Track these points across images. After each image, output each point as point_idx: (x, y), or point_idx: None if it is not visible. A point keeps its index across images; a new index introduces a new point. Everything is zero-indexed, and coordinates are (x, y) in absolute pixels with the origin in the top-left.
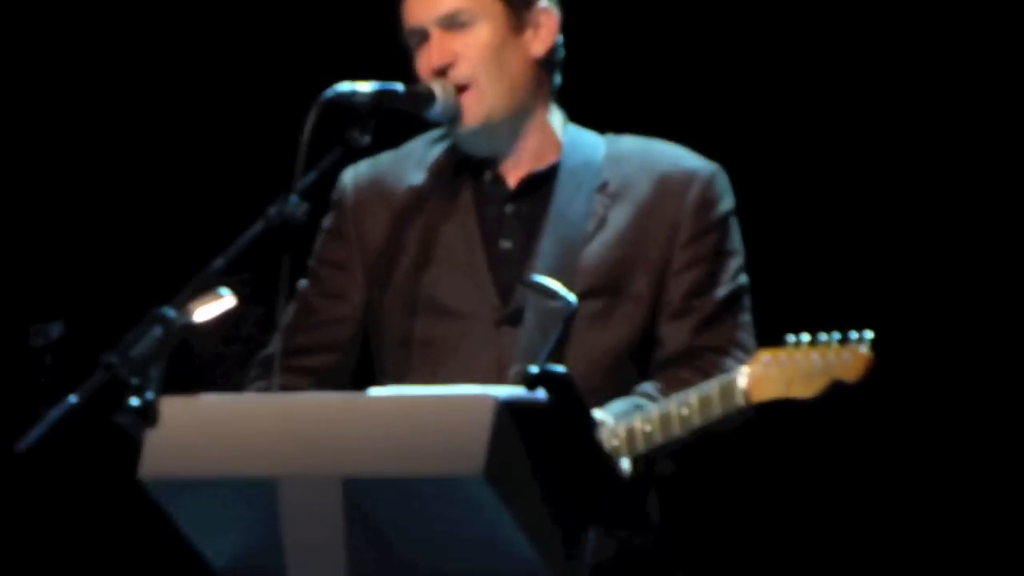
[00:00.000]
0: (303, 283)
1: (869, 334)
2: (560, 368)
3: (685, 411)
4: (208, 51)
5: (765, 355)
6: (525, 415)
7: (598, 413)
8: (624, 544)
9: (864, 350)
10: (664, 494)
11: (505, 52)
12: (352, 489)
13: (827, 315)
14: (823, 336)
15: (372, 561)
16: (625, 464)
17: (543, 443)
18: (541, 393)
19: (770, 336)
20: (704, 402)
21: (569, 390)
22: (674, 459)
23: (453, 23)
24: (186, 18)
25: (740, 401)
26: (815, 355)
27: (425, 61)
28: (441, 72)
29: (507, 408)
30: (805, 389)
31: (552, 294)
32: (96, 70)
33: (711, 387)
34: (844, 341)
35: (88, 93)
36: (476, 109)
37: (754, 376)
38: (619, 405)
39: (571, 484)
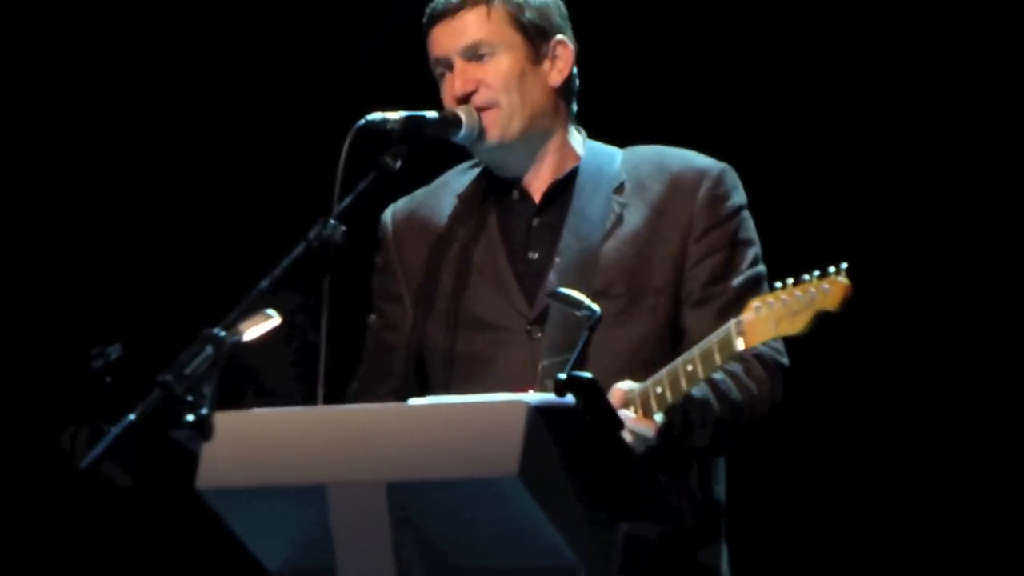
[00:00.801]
0: (372, 318)
1: (844, 264)
2: (587, 374)
3: (690, 367)
4: (255, 90)
5: (755, 302)
6: (556, 419)
7: (625, 383)
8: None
9: (842, 279)
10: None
11: (525, 81)
12: (396, 493)
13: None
14: (804, 276)
15: (417, 560)
16: (659, 418)
17: (573, 444)
18: (570, 398)
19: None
20: (705, 354)
21: (596, 394)
22: (714, 430)
23: (475, 54)
24: (232, 57)
25: (738, 347)
26: (798, 292)
27: (450, 89)
28: (465, 99)
29: (539, 413)
30: (793, 326)
31: (577, 304)
32: (152, 102)
33: (710, 340)
34: (823, 275)
35: (147, 126)
36: (497, 126)
37: (747, 322)
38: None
39: (600, 482)
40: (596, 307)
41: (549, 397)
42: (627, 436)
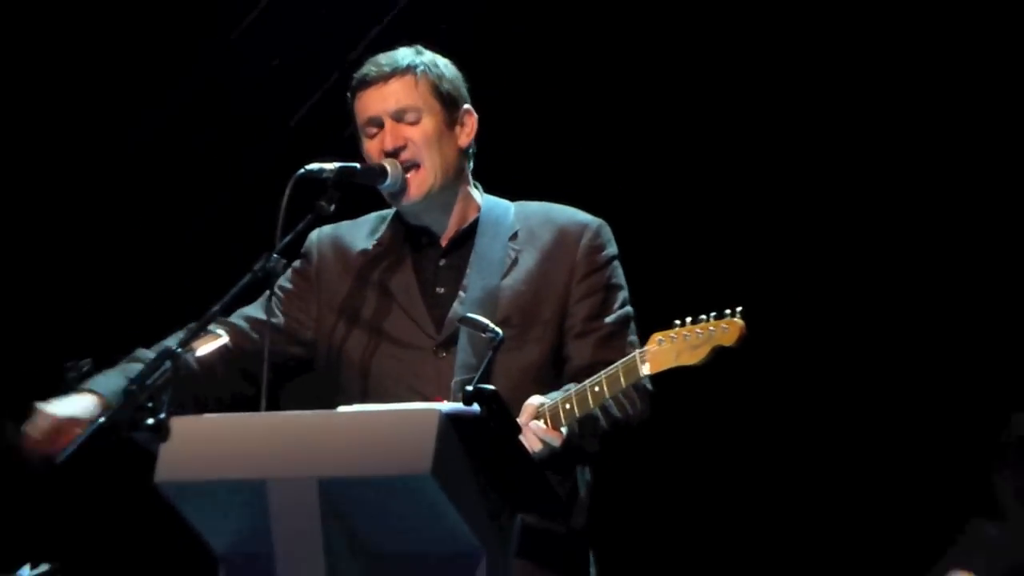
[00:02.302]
0: (265, 296)
1: (739, 308)
2: (490, 387)
3: (597, 388)
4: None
5: (658, 336)
6: (463, 425)
7: (536, 398)
8: (548, 525)
9: (738, 319)
10: (595, 473)
11: (442, 142)
12: (326, 488)
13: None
14: (702, 316)
15: (344, 548)
16: (564, 430)
17: (478, 447)
18: (475, 407)
19: (660, 323)
20: (612, 379)
21: (498, 404)
22: (600, 440)
23: (403, 117)
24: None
25: (642, 373)
26: (698, 330)
27: (379, 144)
28: (393, 153)
29: (449, 420)
30: (692, 357)
31: (483, 327)
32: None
33: (617, 367)
34: (720, 316)
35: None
36: (419, 186)
37: (650, 352)
38: (555, 393)
39: (501, 479)
40: (499, 330)
41: (458, 406)
42: (536, 443)
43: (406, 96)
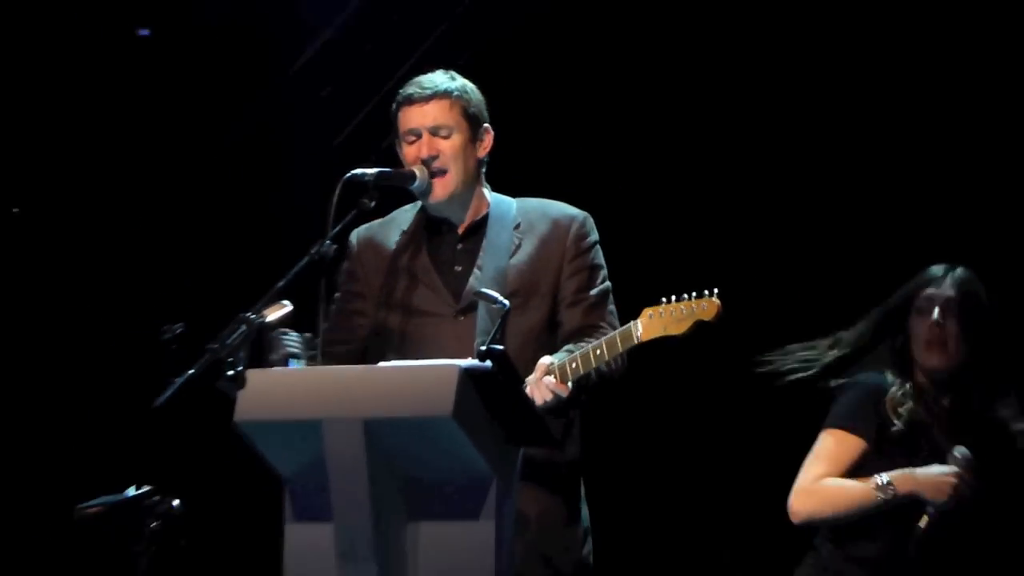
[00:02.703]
0: (334, 306)
1: (716, 290)
2: (499, 347)
3: (598, 351)
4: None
5: (648, 311)
6: (478, 377)
7: (547, 358)
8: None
9: (715, 299)
10: (586, 414)
11: (466, 155)
12: (369, 426)
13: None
14: (684, 295)
15: (383, 472)
16: (570, 384)
17: (489, 394)
18: (488, 364)
19: (645, 299)
20: (610, 344)
21: (505, 361)
22: (590, 391)
23: (437, 132)
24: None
25: (635, 340)
26: (682, 307)
27: (415, 151)
28: (427, 161)
29: (466, 373)
30: (677, 329)
31: (493, 300)
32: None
33: (615, 335)
34: (700, 295)
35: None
36: (444, 189)
37: (642, 324)
38: (560, 354)
39: (506, 419)
40: (507, 302)
41: (474, 363)
42: (548, 395)
43: (442, 116)
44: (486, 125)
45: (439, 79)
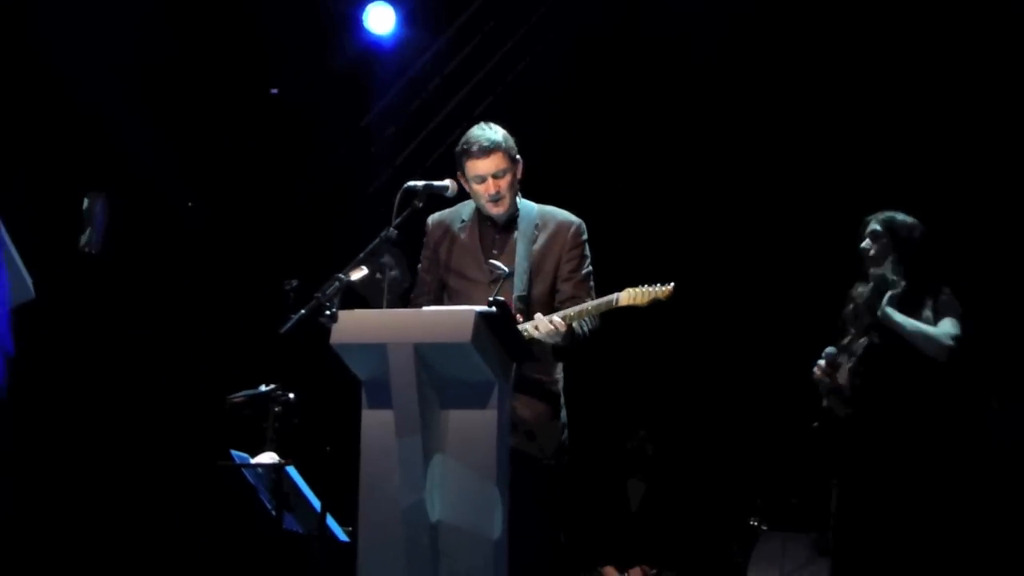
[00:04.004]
0: (420, 267)
1: (671, 283)
2: (501, 299)
3: (590, 307)
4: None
5: (628, 289)
6: (488, 317)
7: (543, 316)
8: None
9: (670, 287)
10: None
11: (513, 185)
12: (418, 348)
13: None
14: (657, 284)
15: (425, 378)
16: (566, 324)
17: (495, 328)
18: (494, 309)
19: (626, 283)
20: (597, 305)
21: (505, 307)
22: (574, 339)
23: (498, 174)
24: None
25: (614, 304)
26: (649, 288)
27: (485, 190)
28: (493, 199)
29: (480, 315)
30: (642, 301)
31: (499, 268)
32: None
33: (601, 300)
34: (661, 284)
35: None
36: (501, 208)
37: (623, 295)
38: (559, 312)
39: (506, 345)
40: (507, 269)
41: (484, 308)
42: (547, 326)
43: (497, 165)
44: (518, 159)
45: (491, 134)
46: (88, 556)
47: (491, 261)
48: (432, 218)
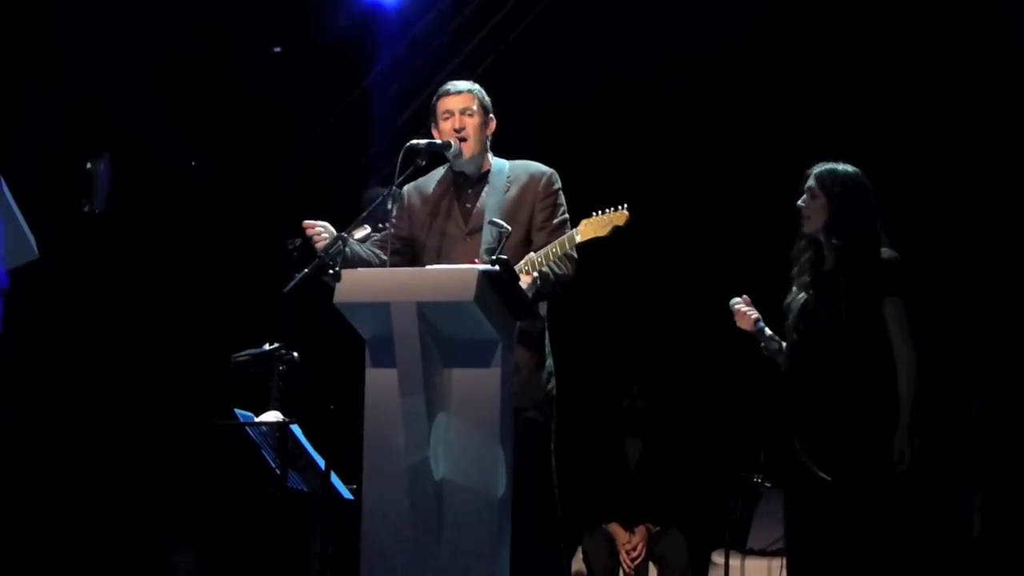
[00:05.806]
0: (390, 228)
1: (625, 204)
2: (504, 256)
3: (554, 248)
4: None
5: (584, 221)
6: (490, 275)
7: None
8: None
9: (624, 210)
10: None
11: (480, 129)
12: (421, 307)
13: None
14: (607, 208)
15: (428, 335)
16: (535, 273)
17: (497, 286)
18: (496, 267)
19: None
20: (561, 244)
21: (508, 265)
22: (551, 285)
23: (465, 112)
24: None
25: (576, 240)
26: (604, 217)
27: (450, 125)
28: (458, 130)
29: (482, 273)
30: (603, 231)
31: (501, 226)
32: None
33: (563, 238)
34: (616, 208)
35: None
36: (467, 150)
37: (580, 230)
38: (532, 254)
39: (508, 302)
40: (509, 227)
41: (487, 267)
42: (530, 287)
43: (466, 103)
44: (491, 115)
45: (467, 82)
46: (91, 513)
47: (494, 220)
48: (406, 189)
